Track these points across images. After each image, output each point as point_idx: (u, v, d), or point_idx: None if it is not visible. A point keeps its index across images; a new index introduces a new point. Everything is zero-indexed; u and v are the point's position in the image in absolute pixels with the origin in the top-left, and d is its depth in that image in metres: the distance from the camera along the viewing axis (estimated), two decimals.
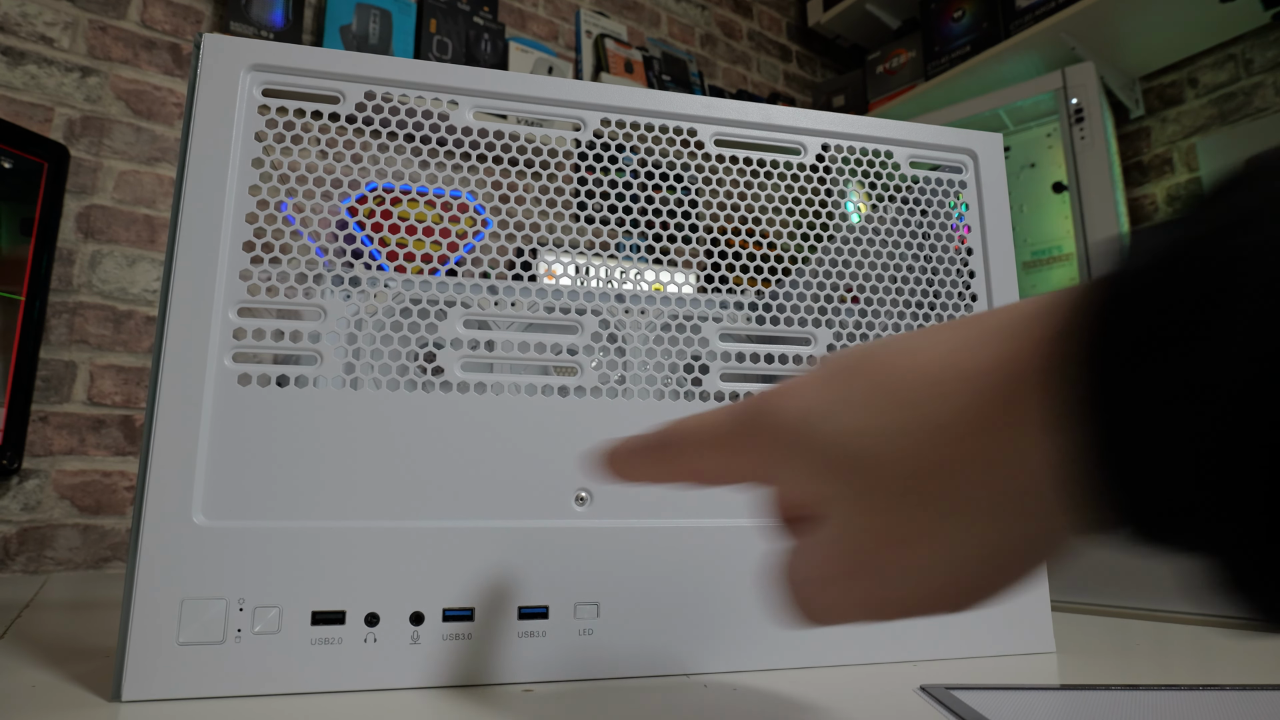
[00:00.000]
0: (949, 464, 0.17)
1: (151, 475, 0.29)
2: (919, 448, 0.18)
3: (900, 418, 0.18)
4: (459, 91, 0.35)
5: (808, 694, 0.30)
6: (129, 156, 1.18)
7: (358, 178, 0.34)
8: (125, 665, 0.27)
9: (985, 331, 0.18)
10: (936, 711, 0.27)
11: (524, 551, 0.32)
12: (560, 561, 0.32)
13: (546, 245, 0.37)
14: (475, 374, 0.33)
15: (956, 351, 0.18)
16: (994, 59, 1.68)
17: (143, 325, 1.16)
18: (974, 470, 0.17)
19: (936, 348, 0.18)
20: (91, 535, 1.08)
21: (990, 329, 0.18)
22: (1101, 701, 0.28)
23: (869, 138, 0.40)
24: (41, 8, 1.13)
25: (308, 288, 0.32)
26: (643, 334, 0.36)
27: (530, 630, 0.31)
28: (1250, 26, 1.52)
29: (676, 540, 0.33)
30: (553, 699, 0.29)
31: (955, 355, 0.18)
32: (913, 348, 0.19)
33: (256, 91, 0.33)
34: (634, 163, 0.37)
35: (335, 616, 0.29)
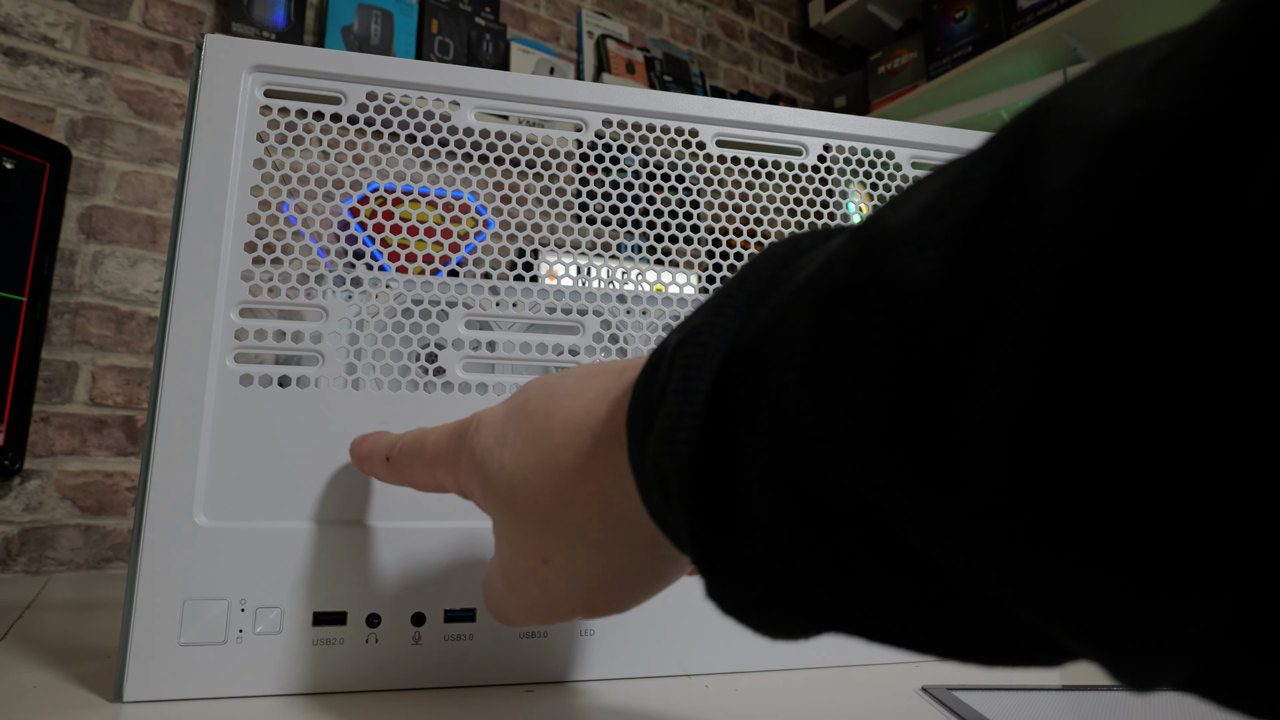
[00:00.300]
0: (571, 502, 0.20)
1: (153, 476, 0.29)
2: (550, 486, 0.21)
3: (541, 459, 0.21)
4: (460, 92, 0.35)
5: (809, 694, 0.30)
6: (131, 157, 1.18)
7: (359, 178, 0.34)
8: (127, 666, 0.27)
9: (613, 385, 0.20)
10: (938, 712, 0.27)
11: None
12: None
13: (548, 246, 0.37)
14: (477, 374, 0.33)
15: (594, 402, 0.20)
16: (996, 59, 1.68)
17: (144, 326, 1.16)
18: (589, 509, 0.20)
19: (586, 395, 0.21)
20: (93, 536, 1.09)
21: (617, 386, 0.20)
22: (1103, 702, 0.28)
23: (871, 138, 0.40)
24: (43, 9, 1.14)
25: (309, 288, 0.32)
26: (644, 334, 0.36)
27: (532, 631, 0.31)
28: None
29: None
30: (554, 699, 0.29)
31: (593, 405, 0.20)
32: (575, 391, 0.21)
33: (258, 92, 0.33)
34: (635, 163, 0.37)
35: (337, 617, 0.29)
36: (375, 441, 0.29)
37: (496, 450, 0.22)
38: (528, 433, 0.22)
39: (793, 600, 0.16)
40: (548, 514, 0.21)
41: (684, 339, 0.17)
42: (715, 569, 0.16)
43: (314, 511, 0.30)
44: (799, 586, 0.15)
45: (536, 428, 0.21)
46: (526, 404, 0.22)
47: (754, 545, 0.15)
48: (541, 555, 0.21)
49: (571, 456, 0.20)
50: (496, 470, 0.22)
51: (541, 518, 0.21)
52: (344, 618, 0.29)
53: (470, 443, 0.23)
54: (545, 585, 0.21)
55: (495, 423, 0.23)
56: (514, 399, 0.23)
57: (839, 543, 0.14)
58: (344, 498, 0.31)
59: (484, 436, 0.23)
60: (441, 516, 0.31)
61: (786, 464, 0.14)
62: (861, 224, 0.14)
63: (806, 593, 0.15)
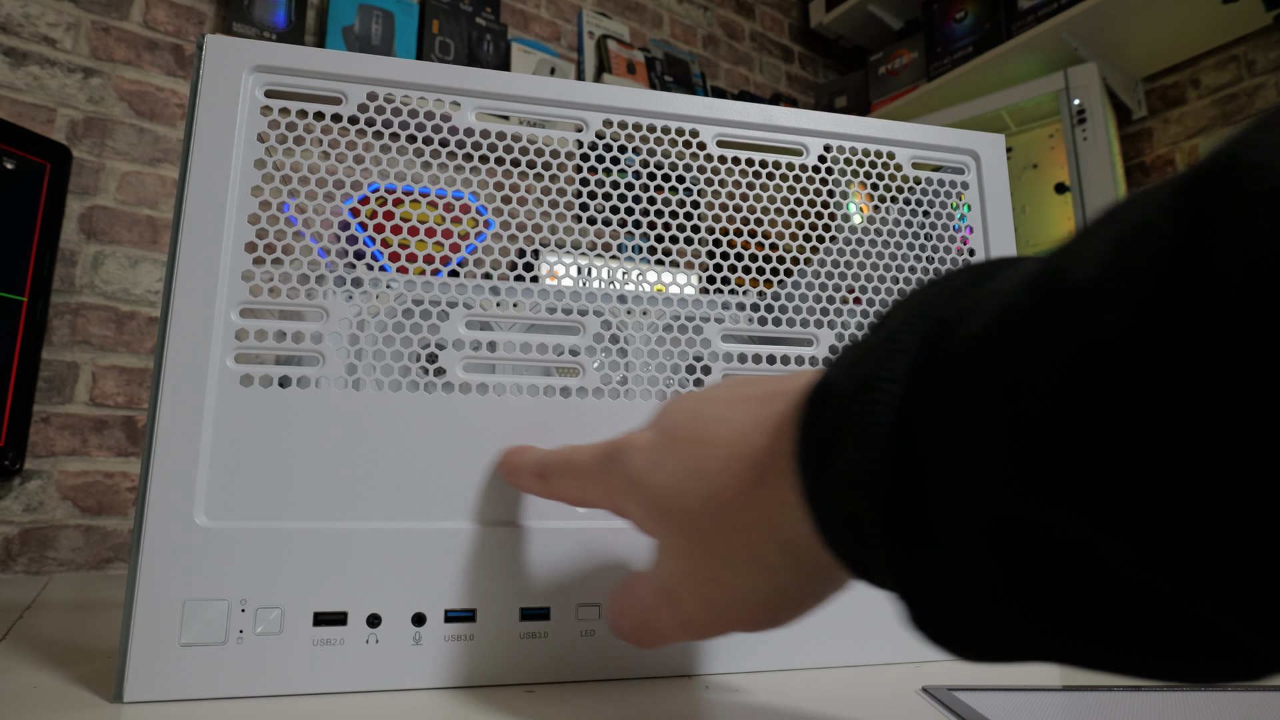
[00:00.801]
0: (738, 527, 0.21)
1: (153, 476, 0.29)
2: (713, 511, 0.22)
3: (699, 485, 0.22)
4: (461, 92, 0.35)
5: (809, 695, 0.30)
6: (131, 157, 1.18)
7: (360, 178, 0.34)
8: (127, 666, 0.27)
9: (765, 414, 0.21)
10: (939, 713, 0.27)
11: (526, 552, 0.32)
12: (562, 563, 0.32)
13: (548, 246, 0.37)
14: (477, 375, 0.33)
15: (748, 431, 0.21)
16: (996, 60, 1.68)
17: (145, 326, 1.16)
18: (756, 534, 0.21)
19: (738, 422, 0.22)
20: (93, 536, 1.09)
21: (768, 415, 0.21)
22: (1103, 702, 0.28)
23: (871, 139, 0.40)
24: (44, 9, 1.14)
25: (310, 288, 0.32)
26: (644, 335, 0.36)
27: (532, 631, 0.31)
28: (1253, 28, 1.52)
29: None
30: (555, 700, 0.29)
31: (748, 434, 0.21)
32: (724, 418, 0.22)
33: (259, 92, 0.33)
34: (636, 164, 0.37)
35: (337, 617, 0.29)
36: (523, 456, 0.31)
37: (651, 474, 0.23)
38: (682, 458, 0.23)
39: (1001, 632, 0.16)
40: (713, 537, 0.22)
41: (857, 384, 0.17)
42: (919, 602, 0.17)
43: (315, 512, 0.30)
44: (1008, 620, 0.16)
45: (691, 454, 0.22)
46: (675, 429, 0.24)
47: (958, 581, 0.16)
48: (708, 575, 0.22)
49: (733, 483, 0.21)
50: (654, 494, 0.23)
51: (706, 540, 0.22)
52: (344, 618, 0.29)
53: (623, 466, 0.25)
54: (711, 602, 0.22)
55: (646, 448, 0.24)
56: (660, 424, 0.25)
57: (1053, 580, 0.14)
58: (345, 498, 0.31)
59: (636, 460, 0.24)
60: (444, 518, 0.31)
61: (996, 511, 0.14)
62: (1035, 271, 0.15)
63: (1017, 627, 0.16)
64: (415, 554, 0.30)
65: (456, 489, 0.32)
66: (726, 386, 0.24)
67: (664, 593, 0.24)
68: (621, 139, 0.37)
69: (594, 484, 0.26)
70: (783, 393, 0.21)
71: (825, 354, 0.38)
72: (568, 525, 0.32)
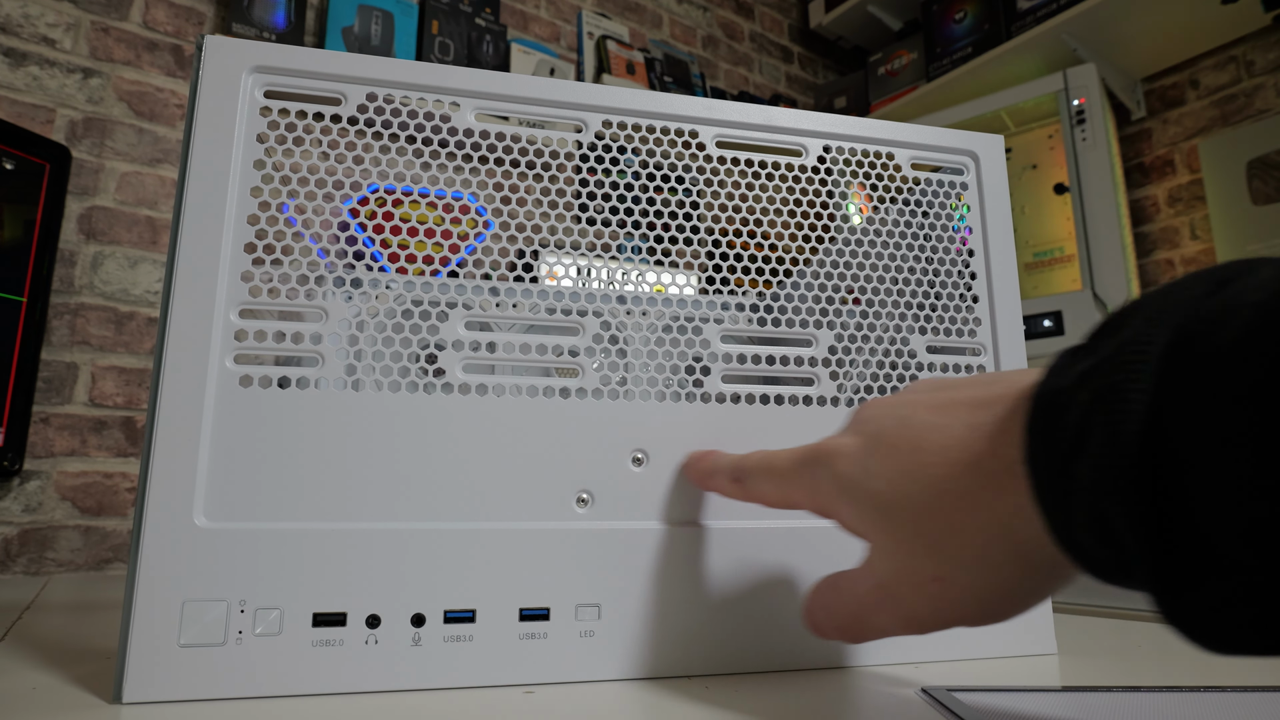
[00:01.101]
0: (964, 529, 0.22)
1: (153, 476, 0.29)
2: (936, 514, 0.22)
3: (920, 489, 0.23)
4: (460, 93, 0.35)
5: (809, 696, 0.30)
6: (131, 158, 1.18)
7: (359, 179, 0.34)
8: (126, 667, 0.27)
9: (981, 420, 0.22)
10: (938, 714, 0.27)
11: (525, 553, 0.32)
12: (562, 563, 0.32)
13: (548, 247, 0.37)
14: (477, 375, 0.33)
15: (965, 437, 0.22)
16: (996, 60, 1.68)
17: (144, 326, 1.16)
18: (985, 535, 0.22)
19: (953, 428, 0.23)
20: (93, 537, 1.08)
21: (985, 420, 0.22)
22: (1103, 703, 0.28)
23: (870, 139, 0.40)
24: (43, 9, 1.14)
25: (309, 289, 0.32)
26: (644, 335, 0.36)
27: (531, 632, 0.31)
28: (1251, 28, 1.52)
29: (678, 542, 0.33)
30: (554, 700, 0.29)
31: (966, 439, 0.22)
32: (935, 424, 0.23)
33: (258, 93, 0.33)
34: (635, 164, 0.37)
35: (336, 618, 0.29)
36: (715, 461, 0.32)
37: (864, 480, 0.25)
38: (897, 463, 0.24)
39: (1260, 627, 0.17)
40: (936, 538, 0.23)
41: (1099, 393, 0.18)
42: (1179, 603, 0.18)
43: (314, 512, 0.30)
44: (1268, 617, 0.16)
45: (905, 459, 0.24)
46: (883, 435, 0.25)
47: (1229, 584, 0.16)
48: (933, 574, 0.23)
49: (955, 487, 0.22)
50: (869, 498, 0.24)
51: (928, 541, 0.23)
52: (344, 619, 0.29)
53: (831, 470, 0.26)
54: (935, 599, 0.23)
55: (854, 454, 0.25)
56: (862, 429, 0.26)
57: None
58: (344, 499, 0.31)
59: (845, 465, 0.25)
60: (443, 518, 0.31)
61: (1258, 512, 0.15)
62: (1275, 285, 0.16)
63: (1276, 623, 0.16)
64: (414, 554, 0.30)
65: (455, 489, 0.32)
66: (924, 392, 0.25)
67: (882, 590, 0.25)
68: (621, 139, 0.37)
69: (797, 486, 0.28)
70: (995, 398, 0.22)
71: (824, 354, 0.38)
72: (566, 526, 0.32)
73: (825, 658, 0.34)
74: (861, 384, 0.38)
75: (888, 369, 0.38)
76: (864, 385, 0.38)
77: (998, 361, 0.39)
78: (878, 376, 0.38)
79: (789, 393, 0.37)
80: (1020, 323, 0.40)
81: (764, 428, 0.36)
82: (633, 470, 0.34)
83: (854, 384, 0.38)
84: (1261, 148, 1.48)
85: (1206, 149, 1.57)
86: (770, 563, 0.34)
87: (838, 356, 0.38)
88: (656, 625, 0.32)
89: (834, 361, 0.38)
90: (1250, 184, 1.50)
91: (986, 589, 0.22)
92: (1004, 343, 0.40)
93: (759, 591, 0.34)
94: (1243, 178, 1.51)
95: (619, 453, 0.34)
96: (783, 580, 0.34)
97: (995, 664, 0.35)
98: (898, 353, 0.39)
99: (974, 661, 0.36)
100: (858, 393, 0.38)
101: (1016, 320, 0.40)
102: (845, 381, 0.38)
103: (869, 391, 0.38)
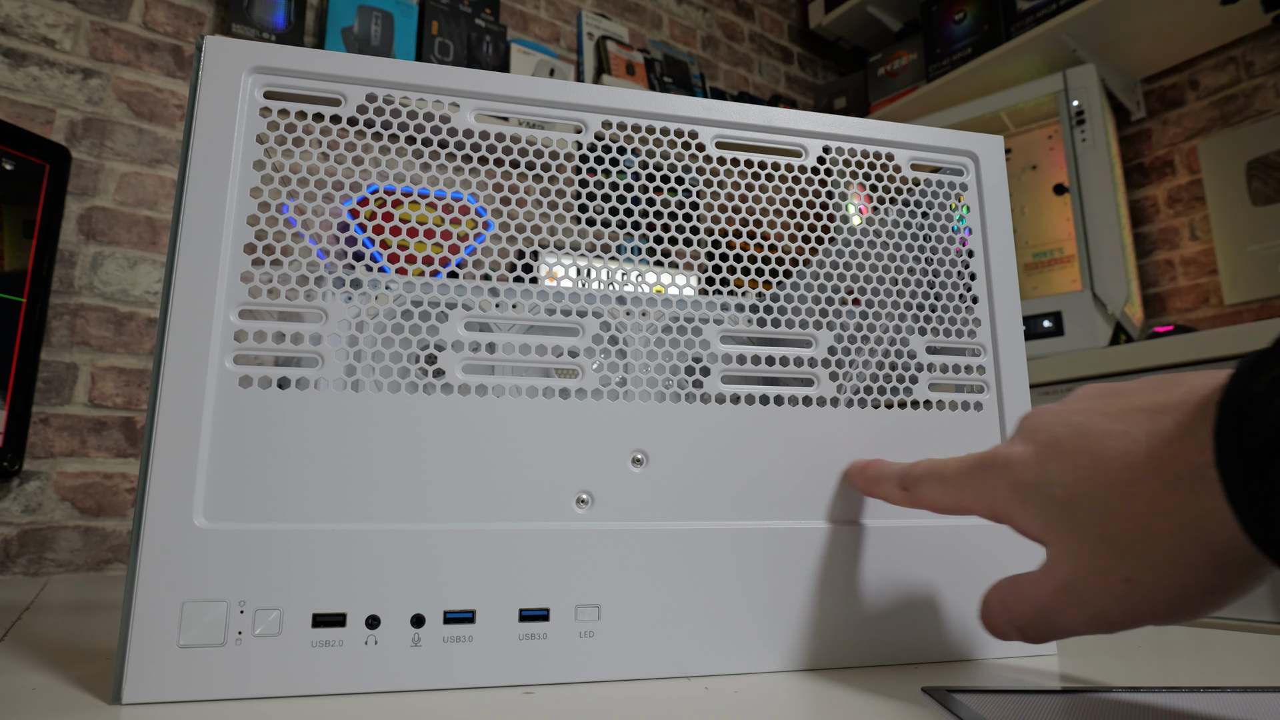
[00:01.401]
0: (1155, 532, 0.23)
1: (152, 477, 0.29)
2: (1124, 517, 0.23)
3: (1104, 495, 0.24)
4: (460, 94, 0.35)
5: (810, 695, 0.30)
6: (130, 158, 1.18)
7: (359, 180, 0.34)
8: (126, 668, 0.27)
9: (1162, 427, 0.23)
10: (938, 714, 0.27)
11: (525, 554, 0.32)
12: (561, 564, 0.32)
13: (547, 247, 0.37)
14: (476, 376, 0.33)
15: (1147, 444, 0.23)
16: (995, 61, 1.69)
17: (144, 327, 1.16)
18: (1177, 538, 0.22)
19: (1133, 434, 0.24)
20: (92, 537, 1.08)
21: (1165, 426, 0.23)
22: (1103, 704, 0.28)
23: (870, 140, 0.40)
24: (43, 9, 1.14)
25: (309, 290, 0.32)
26: (644, 336, 0.36)
27: (531, 633, 0.31)
28: (1251, 29, 1.52)
29: (678, 542, 0.33)
30: (554, 701, 0.29)
31: (1150, 445, 0.23)
32: (1113, 431, 0.24)
33: (258, 94, 0.33)
34: (635, 165, 0.37)
35: (336, 619, 0.29)
36: (881, 468, 0.34)
37: (1042, 486, 0.26)
38: (1076, 470, 0.25)
39: None
40: (1123, 540, 0.23)
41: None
42: None
43: (314, 513, 0.30)
44: None
45: (1085, 466, 0.24)
46: (1060, 443, 0.26)
47: None
48: (1123, 575, 0.24)
49: (1142, 491, 0.23)
50: (1049, 503, 0.25)
51: (1116, 544, 0.24)
52: (343, 619, 0.29)
53: (1007, 477, 0.27)
54: (1125, 599, 0.24)
55: (1030, 461, 0.26)
56: (1034, 438, 0.27)
57: None
58: (344, 499, 0.31)
59: (1022, 472, 0.26)
60: (443, 519, 0.31)
61: None
62: None
63: None
64: (414, 555, 0.30)
65: (455, 490, 0.32)
66: (1094, 399, 0.26)
67: (1067, 591, 0.25)
68: (621, 140, 0.37)
69: (969, 492, 0.29)
70: (1175, 404, 0.23)
71: (824, 354, 0.38)
72: (566, 526, 0.32)
73: (825, 658, 0.34)
74: (861, 384, 0.38)
75: (887, 369, 0.38)
76: (864, 385, 0.38)
77: (997, 361, 0.39)
78: (877, 377, 0.38)
79: (789, 393, 0.37)
80: (1020, 323, 0.40)
81: (764, 428, 0.36)
82: (632, 470, 0.34)
83: (854, 384, 0.38)
84: (1261, 148, 1.49)
85: (1206, 149, 1.57)
86: (770, 563, 0.34)
87: (837, 357, 0.38)
88: (656, 625, 0.32)
89: (834, 362, 0.38)
90: (1250, 184, 1.50)
91: (1177, 588, 0.23)
92: (1004, 343, 0.40)
93: (759, 592, 0.34)
94: (1242, 178, 1.51)
95: (619, 453, 0.34)
96: (783, 580, 0.34)
97: (995, 664, 0.35)
98: (897, 353, 0.39)
99: (974, 662, 0.36)
100: (857, 393, 0.38)
101: (1016, 321, 0.40)
102: (845, 382, 0.38)
103: (868, 392, 0.38)
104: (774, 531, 0.34)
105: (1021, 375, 0.40)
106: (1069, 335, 1.37)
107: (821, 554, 0.35)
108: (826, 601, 0.34)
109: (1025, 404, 0.39)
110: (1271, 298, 1.45)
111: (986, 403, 0.39)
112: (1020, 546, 0.30)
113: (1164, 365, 1.09)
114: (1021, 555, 0.31)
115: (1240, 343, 1.02)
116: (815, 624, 0.34)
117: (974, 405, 0.39)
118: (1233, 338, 1.03)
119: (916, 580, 0.36)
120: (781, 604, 0.34)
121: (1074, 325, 1.37)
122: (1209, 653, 0.39)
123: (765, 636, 0.34)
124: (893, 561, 0.36)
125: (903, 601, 0.35)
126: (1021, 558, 0.31)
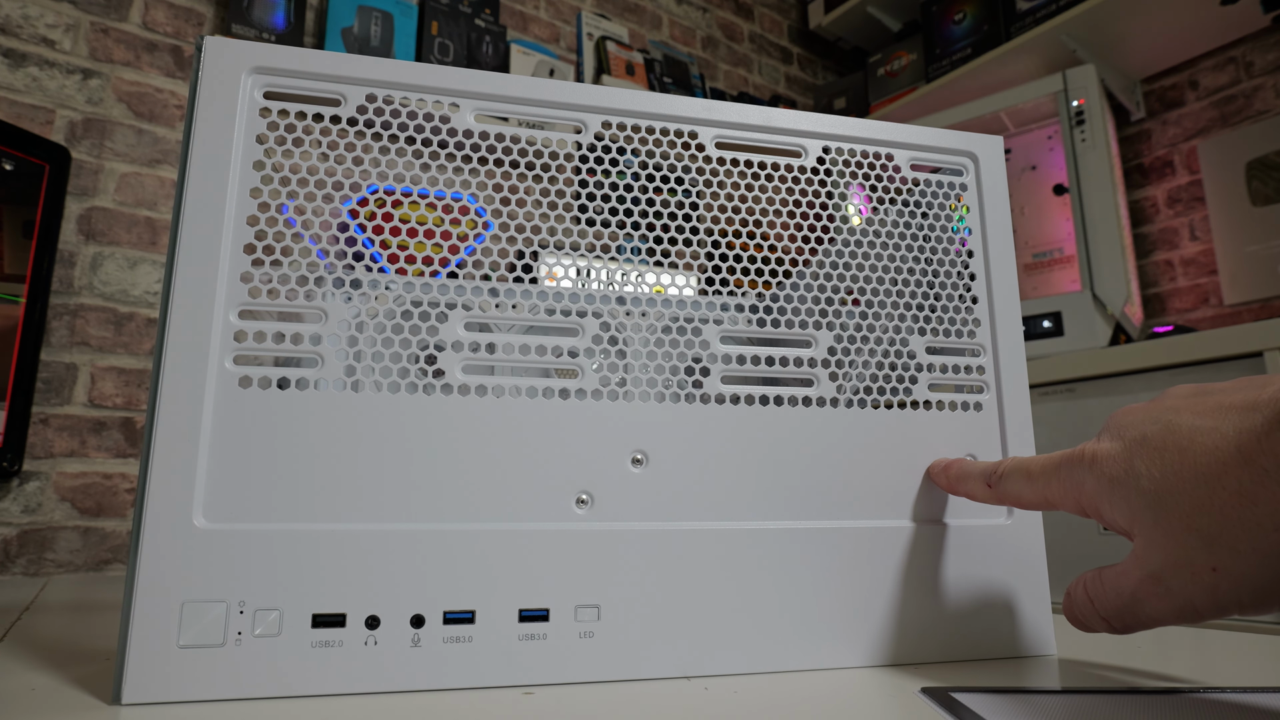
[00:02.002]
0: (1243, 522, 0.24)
1: (152, 477, 0.29)
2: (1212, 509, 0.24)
3: (1192, 488, 0.25)
4: (460, 94, 0.35)
5: (809, 696, 0.30)
6: (130, 158, 1.18)
7: (359, 180, 0.34)
8: (125, 668, 0.27)
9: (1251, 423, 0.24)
10: (938, 713, 0.27)
11: (525, 554, 0.32)
12: (561, 564, 0.32)
13: (547, 248, 0.37)
14: (476, 376, 0.33)
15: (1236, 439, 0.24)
16: (995, 61, 1.69)
17: (144, 327, 1.16)
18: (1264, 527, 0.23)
19: (1221, 430, 0.25)
20: (92, 537, 1.08)
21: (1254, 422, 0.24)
22: (1103, 704, 0.28)
23: (870, 140, 0.40)
24: (43, 10, 1.14)
25: (309, 290, 0.32)
26: (643, 336, 0.36)
27: (531, 633, 0.31)
28: (1251, 29, 1.52)
29: (677, 542, 0.33)
30: (553, 701, 0.29)
31: (1239, 441, 0.24)
32: (1201, 427, 0.25)
33: (258, 94, 0.33)
34: (635, 165, 0.37)
35: (336, 619, 0.29)
36: (965, 467, 0.35)
37: (1130, 480, 0.27)
38: (1165, 464, 0.26)
39: None
40: (1211, 532, 0.24)
41: None
42: None
43: (313, 513, 0.30)
44: None
45: (1175, 460, 0.26)
46: (1148, 439, 0.27)
47: None
48: (1209, 565, 0.25)
49: (1232, 484, 0.24)
50: (1136, 496, 0.26)
51: (1203, 535, 0.25)
52: (343, 620, 0.29)
53: (1096, 472, 0.28)
54: (1212, 589, 0.25)
55: (1118, 457, 0.27)
56: (1122, 435, 0.28)
57: None
58: (344, 500, 0.31)
59: (1110, 467, 0.28)
60: (442, 519, 0.31)
61: None
62: None
63: None
64: (414, 555, 0.30)
65: (455, 490, 0.32)
66: (1183, 398, 0.27)
67: (1155, 581, 0.26)
68: (620, 140, 0.37)
69: (1057, 488, 0.30)
70: (1266, 401, 0.24)
71: (824, 355, 0.38)
72: (566, 527, 0.32)
73: (826, 658, 0.34)
74: (861, 385, 0.38)
75: (887, 369, 0.38)
76: (863, 386, 0.38)
77: (997, 362, 0.39)
78: (877, 377, 0.38)
79: (788, 393, 0.37)
80: (1020, 323, 0.40)
81: (764, 428, 0.36)
82: (632, 471, 0.34)
83: (853, 384, 0.38)
84: (1261, 148, 1.49)
85: (1206, 150, 1.57)
86: (769, 563, 0.34)
87: (837, 357, 0.38)
88: (656, 625, 0.32)
89: (833, 362, 0.38)
90: (1249, 185, 1.50)
91: (1264, 578, 0.24)
92: (1003, 343, 0.40)
93: (759, 592, 0.34)
94: (1242, 178, 1.51)
95: (618, 453, 0.34)
96: (782, 580, 0.34)
97: (995, 664, 0.35)
98: (897, 353, 0.39)
99: (974, 662, 0.36)
100: (857, 393, 0.38)
101: (1016, 321, 0.40)
102: (845, 382, 0.38)
103: (868, 392, 0.38)
104: (774, 532, 0.34)
105: (1021, 375, 0.40)
106: (1069, 335, 1.37)
107: (822, 554, 0.35)
108: (830, 601, 0.34)
109: (1025, 404, 0.39)
110: (1271, 298, 1.45)
111: (986, 403, 0.39)
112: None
113: (1164, 366, 1.09)
114: None
115: (1240, 343, 1.02)
116: (817, 624, 0.34)
117: (974, 405, 0.39)
118: (1232, 338, 1.03)
119: (916, 580, 0.36)
120: (783, 603, 0.34)
121: (1074, 325, 1.37)
122: (1209, 653, 0.39)
123: (765, 636, 0.34)
124: (893, 561, 0.36)
125: (907, 601, 0.35)
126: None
